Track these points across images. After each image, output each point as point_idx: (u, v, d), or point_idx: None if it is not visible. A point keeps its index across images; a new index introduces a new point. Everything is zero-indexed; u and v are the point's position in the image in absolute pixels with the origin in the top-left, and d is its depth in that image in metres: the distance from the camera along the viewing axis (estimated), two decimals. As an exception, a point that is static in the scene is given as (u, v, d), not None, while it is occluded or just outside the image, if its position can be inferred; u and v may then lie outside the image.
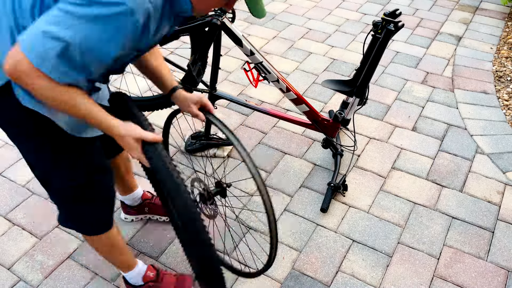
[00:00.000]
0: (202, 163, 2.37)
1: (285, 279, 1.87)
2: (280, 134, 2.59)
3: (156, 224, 2.07)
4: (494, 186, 2.27)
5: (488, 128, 2.62)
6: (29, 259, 1.94)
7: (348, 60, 3.22)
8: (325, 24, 3.66)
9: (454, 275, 1.88)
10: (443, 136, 2.58)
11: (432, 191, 2.25)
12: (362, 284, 1.85)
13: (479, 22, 3.69)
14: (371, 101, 2.82)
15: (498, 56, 3.29)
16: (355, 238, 2.02)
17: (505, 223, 2.09)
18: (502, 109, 2.78)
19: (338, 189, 2.18)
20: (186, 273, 1.87)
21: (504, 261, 1.94)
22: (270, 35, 3.52)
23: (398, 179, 2.31)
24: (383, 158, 2.44)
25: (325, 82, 2.17)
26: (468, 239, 2.02)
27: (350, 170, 2.36)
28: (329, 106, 2.80)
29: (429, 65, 3.18)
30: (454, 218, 2.12)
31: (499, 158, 2.43)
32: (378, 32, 1.90)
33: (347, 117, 2.19)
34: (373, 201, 2.20)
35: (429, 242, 2.01)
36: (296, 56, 3.27)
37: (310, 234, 2.04)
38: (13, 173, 2.33)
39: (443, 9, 3.88)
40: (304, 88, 2.96)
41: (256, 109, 2.34)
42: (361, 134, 2.59)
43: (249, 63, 2.17)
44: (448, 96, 2.89)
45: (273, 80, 2.14)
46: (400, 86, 2.97)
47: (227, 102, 2.76)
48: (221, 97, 2.29)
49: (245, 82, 2.99)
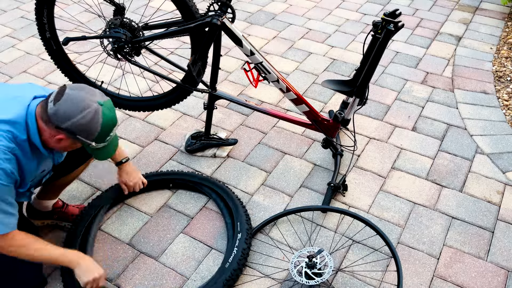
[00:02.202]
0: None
1: (285, 279, 1.87)
2: (280, 134, 2.59)
3: (156, 224, 2.07)
4: (494, 186, 2.27)
5: (488, 128, 2.62)
6: (29, 259, 1.94)
7: (348, 60, 3.23)
8: (325, 24, 3.66)
9: (454, 275, 1.89)
10: (443, 136, 2.58)
11: (432, 191, 2.25)
12: (362, 284, 1.85)
13: (479, 22, 3.69)
14: (371, 101, 2.83)
15: (498, 56, 3.29)
16: (355, 238, 2.02)
17: (505, 223, 2.10)
18: (502, 109, 2.78)
19: (338, 189, 2.19)
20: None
21: (504, 261, 1.94)
22: (270, 35, 3.52)
23: (398, 179, 2.31)
24: (383, 158, 2.44)
25: (325, 82, 2.17)
26: (468, 239, 2.03)
27: (350, 170, 2.36)
28: (329, 106, 2.80)
29: (429, 65, 3.19)
30: (454, 218, 2.12)
31: (499, 158, 2.43)
32: (378, 32, 1.90)
33: (347, 117, 2.19)
34: (373, 201, 2.20)
35: (429, 242, 2.01)
36: (296, 56, 3.27)
37: (310, 234, 2.04)
38: (13, 173, 2.33)
39: (443, 9, 3.88)
40: (304, 88, 2.96)
41: (256, 109, 2.34)
42: (361, 134, 2.59)
43: (249, 63, 2.17)
44: (448, 96, 2.89)
45: (273, 80, 2.14)
46: (400, 86, 2.97)
47: (227, 102, 2.76)
48: (221, 97, 2.29)
49: (245, 82, 2.99)
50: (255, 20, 3.71)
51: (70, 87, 1.44)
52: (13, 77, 3.03)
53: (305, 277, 1.76)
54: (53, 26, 2.42)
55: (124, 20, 2.23)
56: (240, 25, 3.62)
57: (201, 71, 2.23)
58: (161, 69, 3.00)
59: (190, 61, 2.14)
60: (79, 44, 3.32)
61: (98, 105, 1.44)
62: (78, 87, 1.46)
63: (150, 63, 2.99)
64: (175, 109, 2.76)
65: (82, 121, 1.41)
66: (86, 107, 1.41)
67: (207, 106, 2.32)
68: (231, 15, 2.10)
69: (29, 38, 3.44)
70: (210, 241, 2.00)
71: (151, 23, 2.28)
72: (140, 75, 2.94)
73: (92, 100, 1.43)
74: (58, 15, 3.53)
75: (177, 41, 3.40)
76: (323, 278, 1.75)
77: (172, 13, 3.21)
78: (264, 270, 1.90)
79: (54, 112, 1.40)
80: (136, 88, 2.91)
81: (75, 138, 1.44)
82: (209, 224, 2.08)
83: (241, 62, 3.19)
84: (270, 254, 1.96)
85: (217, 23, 2.01)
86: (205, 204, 2.17)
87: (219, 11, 2.06)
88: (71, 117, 1.40)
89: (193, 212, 2.14)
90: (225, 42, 3.18)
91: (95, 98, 1.44)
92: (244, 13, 3.79)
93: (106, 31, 2.24)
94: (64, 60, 2.54)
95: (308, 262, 1.77)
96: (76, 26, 3.48)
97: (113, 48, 2.23)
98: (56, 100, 1.40)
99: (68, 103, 1.40)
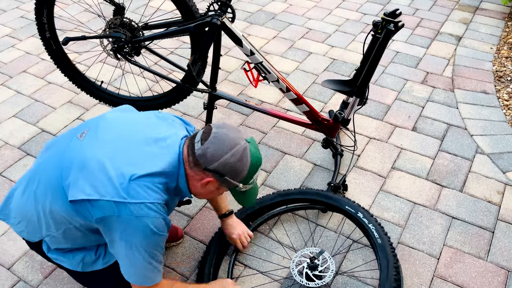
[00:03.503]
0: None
1: (285, 279, 1.87)
2: (280, 134, 2.59)
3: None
4: (494, 186, 2.27)
5: (488, 128, 2.62)
6: (29, 259, 1.94)
7: (348, 60, 3.22)
8: (325, 24, 3.66)
9: (454, 275, 1.88)
10: (443, 136, 2.58)
11: (432, 191, 2.25)
12: (362, 284, 1.85)
13: (479, 22, 3.69)
14: (371, 101, 2.82)
15: (498, 56, 3.29)
16: (355, 238, 2.02)
17: (505, 223, 2.09)
18: (502, 109, 2.78)
19: (338, 189, 2.18)
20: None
21: (504, 261, 1.94)
22: (270, 35, 3.52)
23: (398, 179, 2.31)
24: (383, 158, 2.44)
25: (325, 82, 2.17)
26: (468, 239, 2.02)
27: (350, 170, 2.36)
28: (329, 106, 2.80)
29: (429, 65, 3.18)
30: (454, 218, 2.12)
31: (499, 158, 2.42)
32: (378, 32, 1.90)
33: (347, 117, 2.19)
34: (373, 201, 2.20)
35: (429, 242, 2.01)
36: (296, 56, 3.27)
37: (310, 234, 2.04)
38: (13, 173, 2.33)
39: (443, 9, 3.88)
40: (304, 88, 2.96)
41: (256, 109, 2.34)
42: (361, 134, 2.59)
43: (249, 63, 2.16)
44: (448, 96, 2.89)
45: (273, 80, 2.14)
46: (400, 86, 2.97)
47: (227, 102, 2.76)
48: (221, 97, 2.29)
49: (245, 82, 2.99)
50: (255, 20, 3.71)
51: (216, 126, 1.36)
52: (12, 77, 3.03)
53: (305, 278, 1.76)
54: (53, 26, 2.42)
55: (124, 20, 2.23)
56: (240, 25, 3.62)
57: (201, 71, 2.23)
58: (161, 69, 2.99)
59: (190, 61, 2.14)
60: (79, 44, 3.32)
61: (246, 143, 1.35)
62: (224, 125, 1.37)
63: (150, 63, 2.99)
64: (175, 109, 2.75)
65: (231, 160, 1.31)
66: (234, 145, 1.32)
67: (207, 106, 2.32)
68: (231, 15, 2.10)
69: (29, 38, 3.43)
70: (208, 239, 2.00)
71: (151, 23, 2.28)
72: (140, 75, 2.94)
73: (240, 138, 1.35)
74: (58, 15, 3.53)
75: (177, 41, 3.40)
76: (323, 281, 1.74)
77: (172, 13, 3.22)
78: (265, 267, 1.90)
79: (203, 153, 1.31)
80: (136, 88, 2.90)
81: (223, 179, 1.35)
82: (209, 224, 2.08)
83: (241, 62, 3.18)
84: (271, 252, 1.96)
85: (217, 23, 2.01)
86: (205, 204, 2.17)
87: (219, 11, 2.05)
88: (220, 157, 1.31)
89: (193, 212, 2.13)
90: (225, 42, 3.18)
91: (242, 136, 1.36)
92: (244, 13, 3.79)
93: (106, 31, 2.24)
94: (64, 60, 2.54)
95: (310, 263, 1.77)
96: (76, 26, 3.48)
97: (113, 48, 2.23)
98: (204, 140, 1.32)
99: (217, 142, 1.31)
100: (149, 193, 1.29)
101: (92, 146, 1.36)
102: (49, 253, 1.52)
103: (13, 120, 2.67)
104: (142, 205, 1.27)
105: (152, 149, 1.36)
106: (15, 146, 2.50)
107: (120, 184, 1.27)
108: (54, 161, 1.40)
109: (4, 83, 2.97)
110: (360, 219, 1.88)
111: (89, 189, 1.27)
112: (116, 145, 1.35)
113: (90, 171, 1.30)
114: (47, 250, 1.53)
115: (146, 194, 1.28)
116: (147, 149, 1.35)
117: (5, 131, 2.59)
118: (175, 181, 1.38)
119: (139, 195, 1.27)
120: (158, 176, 1.32)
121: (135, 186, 1.28)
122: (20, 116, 2.71)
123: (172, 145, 1.39)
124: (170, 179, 1.36)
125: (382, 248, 1.77)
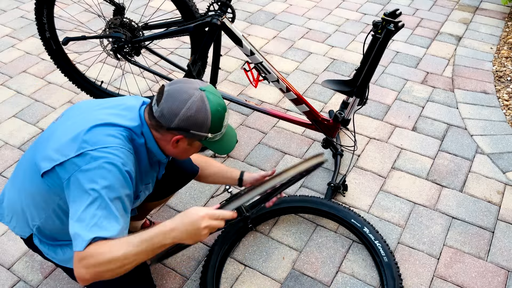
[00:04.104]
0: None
1: (285, 279, 1.87)
2: (280, 134, 2.59)
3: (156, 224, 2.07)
4: (494, 186, 2.27)
5: (488, 128, 2.62)
6: (29, 259, 1.94)
7: (348, 60, 3.22)
8: (325, 24, 3.66)
9: (454, 275, 1.88)
10: (443, 136, 2.58)
11: (432, 191, 2.25)
12: (362, 284, 1.85)
13: (479, 22, 3.69)
14: (371, 101, 2.82)
15: (498, 56, 3.29)
16: (355, 238, 2.02)
17: (505, 223, 2.09)
18: (502, 109, 2.78)
19: (338, 189, 2.18)
20: None
21: (504, 261, 1.94)
22: (270, 35, 3.52)
23: (398, 179, 2.31)
24: (383, 158, 2.43)
25: (325, 82, 2.17)
26: (468, 239, 2.02)
27: (350, 170, 2.36)
28: (329, 106, 2.79)
29: (429, 65, 3.18)
30: (454, 218, 2.12)
31: (499, 158, 2.42)
32: (378, 32, 1.90)
33: (347, 117, 2.19)
34: (373, 201, 2.20)
35: (429, 242, 2.01)
36: (296, 56, 3.27)
37: (310, 234, 2.04)
38: (13, 173, 2.33)
39: (443, 9, 3.88)
40: (304, 88, 2.96)
41: (256, 109, 2.34)
42: (361, 134, 2.59)
43: (249, 63, 2.16)
44: (448, 96, 2.89)
45: (273, 80, 2.14)
46: (400, 86, 2.97)
47: (227, 102, 2.76)
48: (221, 97, 2.29)
49: (245, 82, 2.99)
50: (255, 20, 3.71)
51: (168, 84, 1.34)
52: (12, 77, 3.02)
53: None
54: (52, 26, 2.42)
55: (124, 20, 2.23)
56: (240, 25, 3.62)
57: (201, 71, 2.23)
58: (161, 69, 2.99)
59: (190, 61, 2.14)
60: (79, 44, 3.32)
61: (200, 91, 1.32)
62: (176, 81, 1.35)
63: (150, 63, 2.99)
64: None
65: (189, 113, 1.29)
66: (189, 98, 1.30)
67: (207, 106, 2.31)
68: (231, 15, 2.10)
69: (29, 38, 3.43)
70: (210, 242, 2.00)
71: (151, 23, 2.28)
72: (140, 75, 2.94)
73: (194, 88, 1.32)
74: (58, 15, 3.53)
75: (177, 41, 3.40)
76: None
77: (172, 13, 3.22)
78: (264, 269, 1.90)
79: (161, 114, 1.31)
80: (136, 88, 2.90)
81: (189, 134, 1.33)
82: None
83: (241, 62, 3.18)
84: (271, 252, 1.96)
85: (217, 23, 2.01)
86: (205, 203, 2.17)
87: (219, 11, 2.06)
88: (178, 113, 1.29)
89: (193, 212, 2.13)
90: (225, 42, 3.18)
91: (196, 86, 1.33)
92: (244, 13, 3.79)
93: (106, 31, 2.25)
94: (64, 60, 2.54)
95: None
96: (76, 26, 3.48)
97: (113, 48, 2.23)
98: (158, 101, 1.31)
99: (171, 99, 1.30)
100: (109, 139, 1.27)
101: (63, 123, 1.39)
102: (41, 245, 1.48)
103: (13, 120, 2.67)
104: (102, 149, 1.25)
105: (113, 110, 1.37)
106: (15, 146, 2.50)
107: (81, 137, 1.27)
108: (32, 147, 1.45)
109: (4, 83, 2.97)
110: (366, 234, 1.92)
111: (55, 155, 1.28)
112: (82, 116, 1.38)
113: (56, 139, 1.32)
114: (39, 242, 1.48)
115: (106, 139, 1.27)
116: (109, 111, 1.37)
117: (5, 131, 2.59)
118: (142, 138, 1.37)
119: (99, 141, 1.26)
120: (120, 127, 1.32)
121: (95, 134, 1.27)
122: (20, 116, 2.71)
123: (133, 107, 1.39)
124: (135, 134, 1.35)
125: (388, 267, 1.81)
